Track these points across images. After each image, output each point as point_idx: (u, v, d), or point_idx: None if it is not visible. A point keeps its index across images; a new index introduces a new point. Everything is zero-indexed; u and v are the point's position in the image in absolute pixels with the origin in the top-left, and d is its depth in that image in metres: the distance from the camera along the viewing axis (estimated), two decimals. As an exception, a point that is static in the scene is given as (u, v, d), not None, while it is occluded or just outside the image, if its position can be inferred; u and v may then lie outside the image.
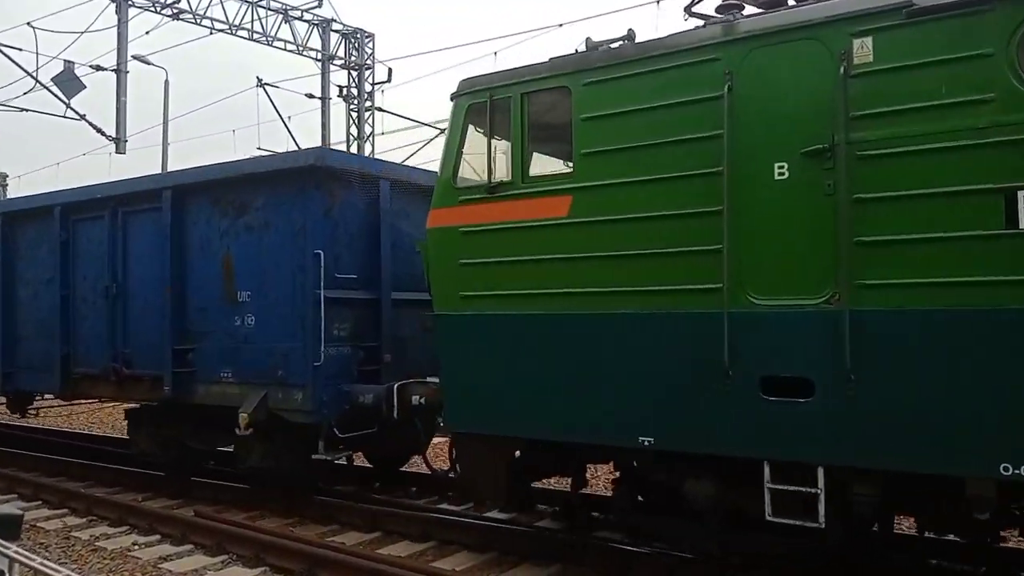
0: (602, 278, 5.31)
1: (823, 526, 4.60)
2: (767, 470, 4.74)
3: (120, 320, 8.38)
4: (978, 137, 4.17)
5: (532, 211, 5.66)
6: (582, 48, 5.85)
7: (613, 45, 5.63)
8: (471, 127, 6.02)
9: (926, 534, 5.29)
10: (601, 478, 8.42)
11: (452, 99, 6.16)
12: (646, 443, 5.13)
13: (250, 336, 7.39)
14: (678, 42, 5.20)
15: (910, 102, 4.38)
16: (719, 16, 5.28)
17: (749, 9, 5.21)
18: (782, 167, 4.74)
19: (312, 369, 6.95)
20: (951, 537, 5.28)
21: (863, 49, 4.55)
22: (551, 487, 7.52)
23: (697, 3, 5.63)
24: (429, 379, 6.82)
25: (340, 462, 8.05)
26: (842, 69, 4.54)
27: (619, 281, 5.24)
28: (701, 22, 5.38)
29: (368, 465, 8.89)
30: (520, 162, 5.74)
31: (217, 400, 7.63)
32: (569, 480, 6.53)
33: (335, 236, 7.13)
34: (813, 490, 4.59)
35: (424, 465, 7.56)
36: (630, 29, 5.77)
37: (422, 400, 6.74)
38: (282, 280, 7.16)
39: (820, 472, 4.58)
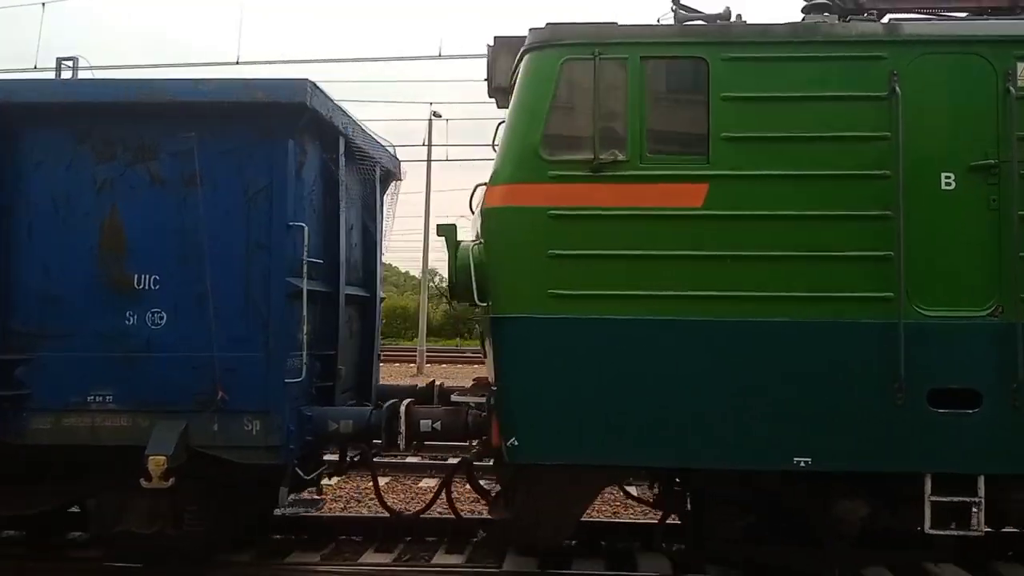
0: (749, 280, 4.74)
1: (982, 534, 4.73)
2: (928, 483, 4.70)
3: None
4: None
5: (655, 198, 4.80)
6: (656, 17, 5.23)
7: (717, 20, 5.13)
8: (566, 86, 4.90)
9: None
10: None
11: (533, 48, 4.96)
12: (802, 464, 4.69)
13: (156, 340, 4.96)
14: (838, 32, 4.90)
15: None
16: (701, 12, 5.12)
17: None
18: (949, 178, 4.76)
19: (281, 388, 4.95)
20: None
21: (1025, 74, 4.82)
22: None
23: None
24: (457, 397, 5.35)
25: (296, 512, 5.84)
26: (1008, 88, 4.74)
27: (770, 285, 4.74)
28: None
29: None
30: (639, 138, 4.83)
31: (79, 438, 4.98)
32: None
33: (301, 206, 5.19)
34: (975, 499, 4.70)
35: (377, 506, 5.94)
36: (727, 7, 5.29)
37: (436, 426, 5.25)
38: (228, 261, 4.95)
39: (981, 481, 4.71)
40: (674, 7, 5.31)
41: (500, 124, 5.71)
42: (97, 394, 4.97)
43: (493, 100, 6.29)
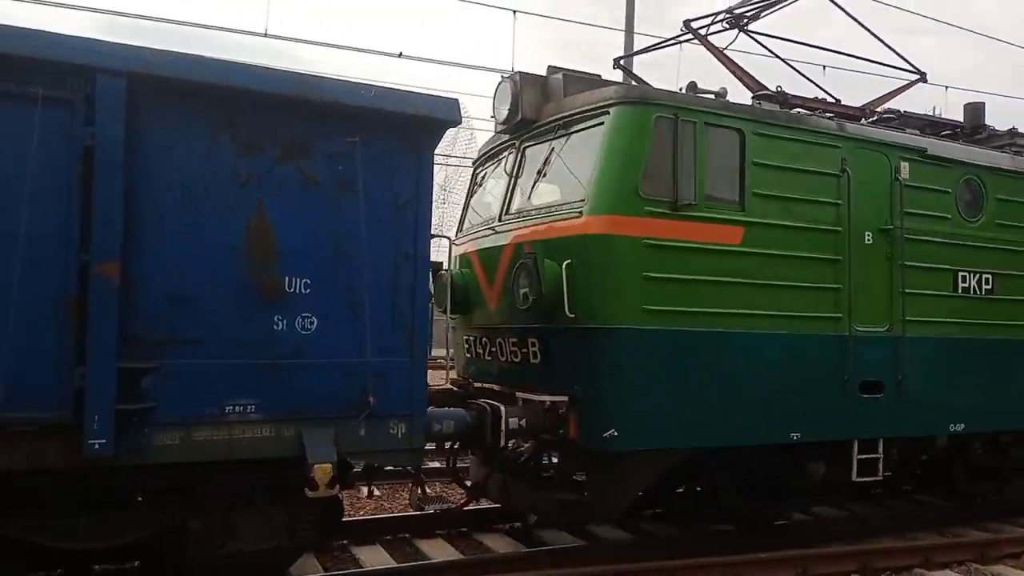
0: (772, 303, 6.32)
1: (881, 479, 6.96)
2: (856, 446, 6.78)
3: None
4: (945, 238, 7.30)
5: (711, 235, 6.14)
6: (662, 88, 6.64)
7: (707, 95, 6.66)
8: (657, 137, 5.92)
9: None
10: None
11: (628, 103, 5.90)
12: (795, 437, 6.42)
13: (306, 346, 4.70)
14: (814, 123, 6.76)
15: (928, 210, 7.22)
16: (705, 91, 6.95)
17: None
18: (869, 235, 6.92)
19: (422, 392, 5.08)
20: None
21: (904, 169, 7.18)
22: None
23: (624, 58, 7.19)
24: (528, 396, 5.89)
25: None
26: (896, 178, 7.06)
27: (782, 308, 6.38)
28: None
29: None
30: (700, 185, 6.09)
31: (213, 453, 4.46)
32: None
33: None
34: (878, 455, 6.89)
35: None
36: (723, 87, 6.85)
37: (522, 423, 5.78)
38: (378, 269, 4.90)
39: (880, 443, 6.92)
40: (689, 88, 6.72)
41: (547, 158, 6.50)
42: (236, 404, 4.58)
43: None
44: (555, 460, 6.87)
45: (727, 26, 8.39)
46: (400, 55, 13.25)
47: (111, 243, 4.22)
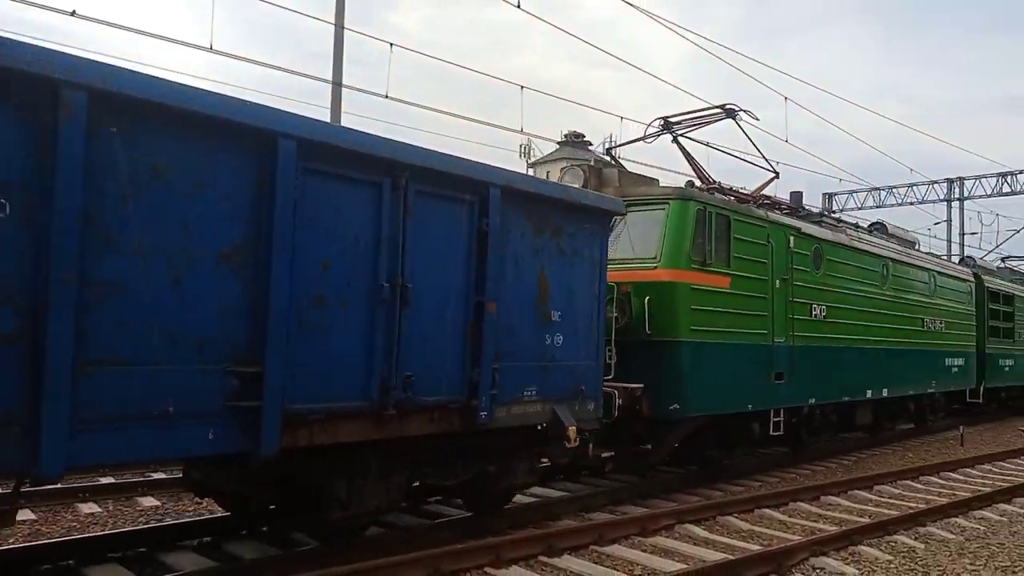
0: (742, 326, 10.24)
1: (782, 433, 11.26)
2: (772, 413, 10.97)
3: (396, 333, 5.98)
4: (806, 284, 11.88)
5: (718, 281, 9.92)
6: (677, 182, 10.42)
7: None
8: (698, 221, 9.53)
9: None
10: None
11: (682, 199, 9.53)
12: (750, 407, 10.44)
13: (556, 354, 7.56)
14: (753, 211, 10.82)
15: (800, 266, 11.70)
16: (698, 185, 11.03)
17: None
18: (778, 282, 11.15)
19: (601, 383, 8.13)
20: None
21: (791, 241, 11.56)
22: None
23: (614, 148, 11.14)
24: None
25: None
26: (789, 247, 11.44)
27: (745, 328, 10.34)
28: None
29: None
30: (713, 249, 9.82)
31: (515, 421, 7.17)
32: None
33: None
34: (779, 419, 11.16)
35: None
36: (689, 181, 10.73)
37: (621, 402, 9.00)
38: (585, 305, 7.87)
39: (782, 411, 11.20)
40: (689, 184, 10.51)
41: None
42: (527, 390, 7.33)
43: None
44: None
45: (660, 129, 12.31)
46: (73, 13, 11.35)
47: (493, 290, 6.86)
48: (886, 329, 14.15)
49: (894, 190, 36.58)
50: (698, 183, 11.33)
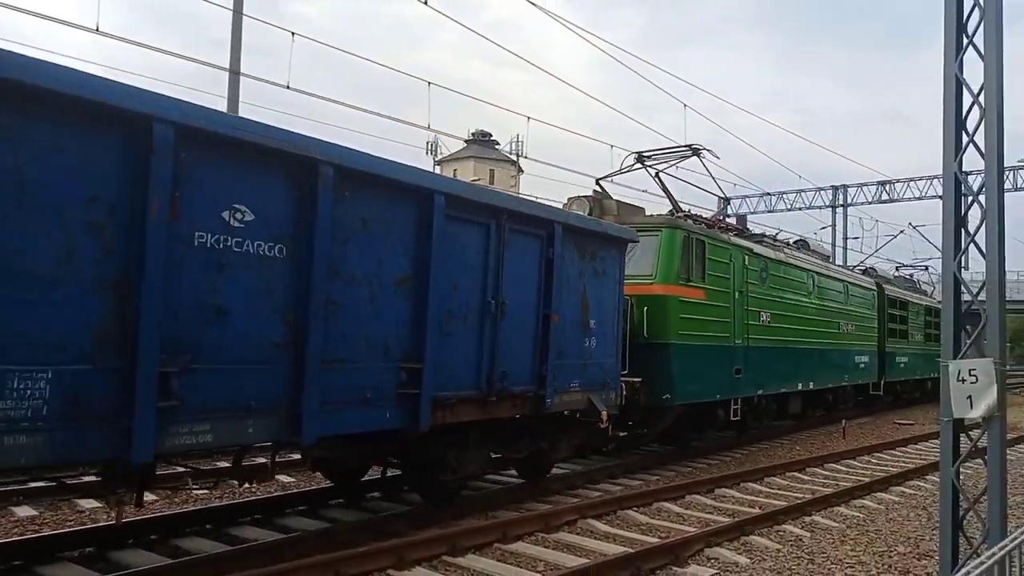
0: (712, 330, 12.56)
1: (739, 419, 13.67)
2: (732, 401, 13.36)
3: (496, 338, 7.94)
4: (756, 295, 14.34)
5: (697, 294, 12.18)
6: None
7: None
8: (685, 246, 11.74)
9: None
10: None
11: (672, 227, 11.74)
12: (717, 396, 12.80)
13: (592, 354, 9.62)
14: (721, 236, 13.17)
15: (752, 280, 14.15)
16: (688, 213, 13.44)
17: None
18: (737, 294, 13.54)
19: (619, 378, 10.22)
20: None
21: (746, 260, 13.98)
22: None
23: (602, 179, 13.50)
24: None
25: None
26: (745, 263, 13.85)
27: (715, 332, 12.66)
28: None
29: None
30: (694, 268, 12.11)
31: (565, 407, 9.19)
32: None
33: (608, 286, 10.47)
34: (737, 407, 13.56)
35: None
36: (671, 211, 12.99)
37: (625, 392, 11.10)
38: (609, 315, 9.94)
39: (739, 400, 13.60)
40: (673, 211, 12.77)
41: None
42: (572, 383, 9.35)
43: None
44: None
45: (634, 162, 14.52)
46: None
47: (555, 304, 8.83)
48: (812, 332, 16.90)
49: (784, 196, 37.80)
50: (664, 211, 13.70)
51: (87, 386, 4.78)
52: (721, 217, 15.18)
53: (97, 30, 11.35)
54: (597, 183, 13.68)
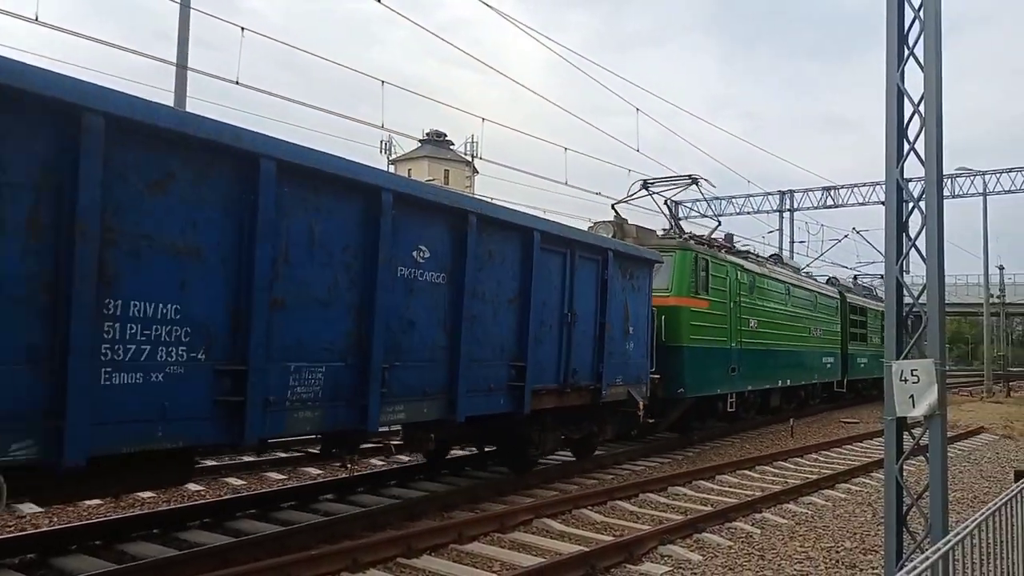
0: (714, 335, 14.94)
1: (734, 410, 16.06)
2: (729, 396, 15.75)
3: (568, 342, 10.12)
4: (746, 304, 16.77)
5: (702, 304, 14.53)
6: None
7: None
8: (694, 264, 14.13)
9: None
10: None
11: (684, 249, 14.15)
12: (718, 391, 15.20)
13: (630, 354, 11.89)
14: (721, 255, 15.53)
15: (742, 292, 16.59)
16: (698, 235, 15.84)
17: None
18: (732, 303, 15.95)
19: (648, 373, 12.51)
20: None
21: (739, 274, 16.38)
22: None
23: (618, 203, 15.98)
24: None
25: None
26: (736, 278, 16.27)
27: (716, 335, 15.03)
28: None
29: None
30: (700, 283, 14.53)
31: (612, 397, 11.60)
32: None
33: (638, 298, 12.75)
34: (732, 400, 15.98)
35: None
36: (681, 235, 15.35)
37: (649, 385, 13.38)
38: (643, 322, 12.24)
39: (734, 395, 16.02)
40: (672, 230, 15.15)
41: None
42: (618, 378, 11.58)
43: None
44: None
45: (639, 189, 16.86)
46: None
47: (608, 314, 11.06)
48: (789, 336, 19.48)
49: (733, 200, 38.21)
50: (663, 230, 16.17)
51: (342, 378, 6.89)
52: (716, 236, 17.43)
53: (36, 20, 10.79)
54: (613, 208, 15.97)
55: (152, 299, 5.31)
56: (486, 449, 11.61)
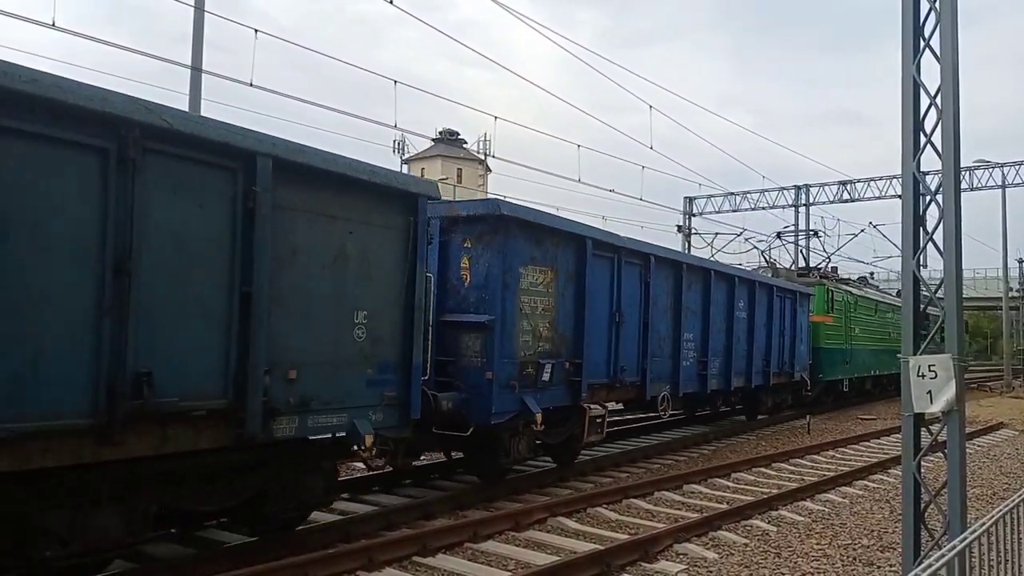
0: (837, 339, 19.57)
1: (848, 391, 22.09)
2: (844, 380, 21.50)
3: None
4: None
5: (830, 319, 21.30)
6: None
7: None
8: (826, 294, 19.00)
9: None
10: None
11: (819, 285, 19.85)
12: (839, 376, 21.92)
13: (802, 353, 18.30)
14: (839, 286, 20.83)
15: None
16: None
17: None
18: (844, 317, 21.26)
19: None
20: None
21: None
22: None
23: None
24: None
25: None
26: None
27: (837, 340, 19.83)
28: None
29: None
30: (828, 304, 19.30)
31: (796, 377, 18.20)
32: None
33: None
34: (846, 384, 21.90)
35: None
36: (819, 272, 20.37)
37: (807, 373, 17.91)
38: (805, 332, 16.95)
39: (847, 380, 21.73)
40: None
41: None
42: (798, 366, 18.23)
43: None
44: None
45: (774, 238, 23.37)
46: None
47: (795, 330, 17.77)
48: (876, 338, 25.28)
49: (748, 195, 37.08)
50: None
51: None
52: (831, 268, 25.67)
53: (54, 25, 10.80)
54: (762, 254, 23.59)
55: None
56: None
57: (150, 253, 5.13)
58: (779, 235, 24.48)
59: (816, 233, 25.33)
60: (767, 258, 23.29)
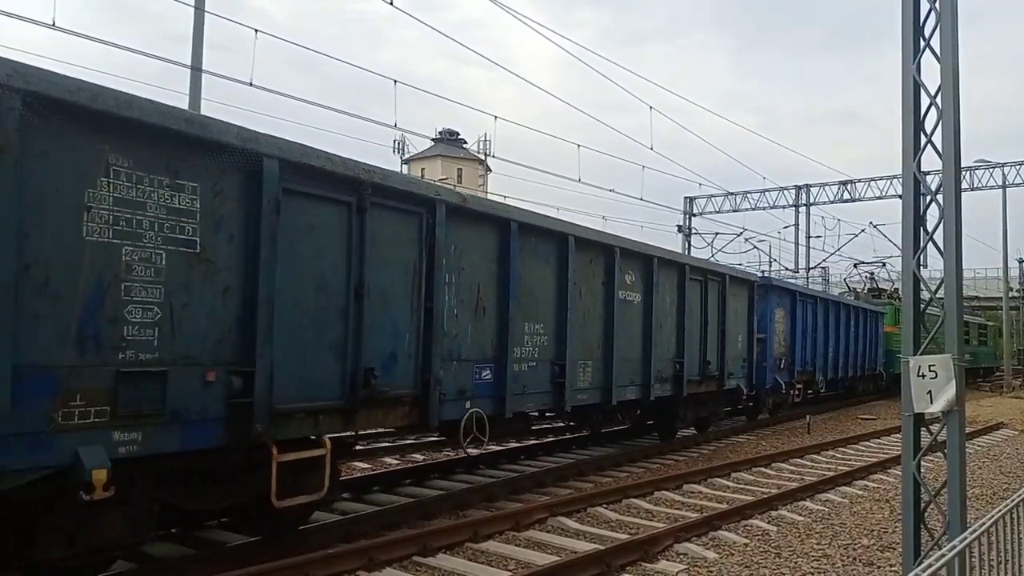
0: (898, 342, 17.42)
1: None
2: (883, 373, 23.28)
3: (854, 354, 15.35)
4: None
5: (895, 329, 24.38)
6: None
7: None
8: (894, 311, 21.01)
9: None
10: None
11: (889, 304, 24.65)
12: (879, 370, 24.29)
13: (879, 355, 24.31)
14: (897, 304, 20.52)
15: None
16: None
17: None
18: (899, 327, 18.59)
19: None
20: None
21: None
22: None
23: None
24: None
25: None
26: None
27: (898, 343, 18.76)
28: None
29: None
30: (896, 318, 19.32)
31: (869, 372, 24.05)
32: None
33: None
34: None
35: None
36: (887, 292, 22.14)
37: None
38: (873, 339, 20.31)
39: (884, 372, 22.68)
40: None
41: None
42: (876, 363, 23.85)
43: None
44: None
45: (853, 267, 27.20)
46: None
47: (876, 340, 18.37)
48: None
49: (748, 195, 36.56)
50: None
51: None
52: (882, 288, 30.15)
53: (54, 25, 10.72)
54: (846, 283, 26.65)
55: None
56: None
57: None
58: (856, 264, 31.56)
59: (883, 264, 30.72)
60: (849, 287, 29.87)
